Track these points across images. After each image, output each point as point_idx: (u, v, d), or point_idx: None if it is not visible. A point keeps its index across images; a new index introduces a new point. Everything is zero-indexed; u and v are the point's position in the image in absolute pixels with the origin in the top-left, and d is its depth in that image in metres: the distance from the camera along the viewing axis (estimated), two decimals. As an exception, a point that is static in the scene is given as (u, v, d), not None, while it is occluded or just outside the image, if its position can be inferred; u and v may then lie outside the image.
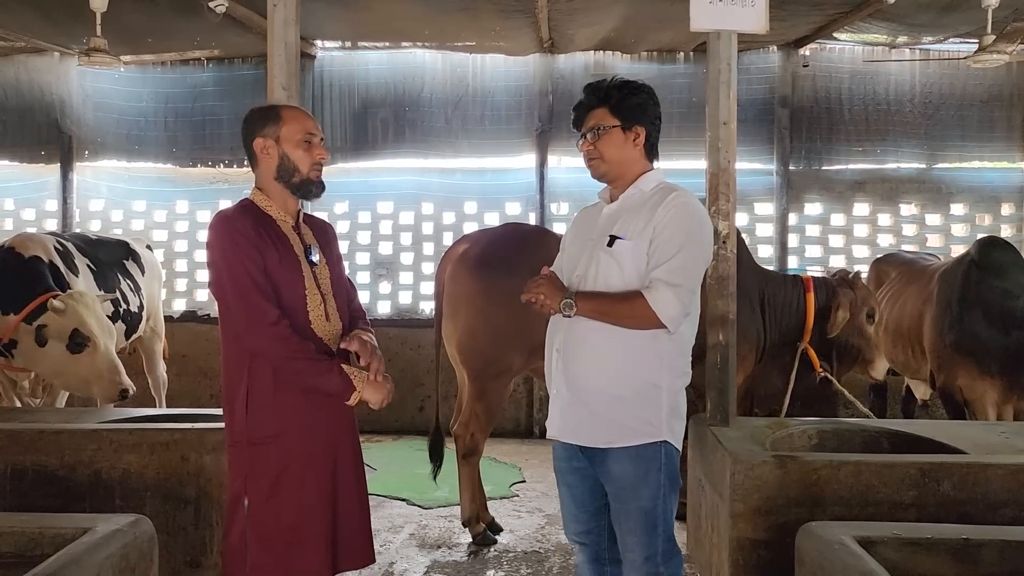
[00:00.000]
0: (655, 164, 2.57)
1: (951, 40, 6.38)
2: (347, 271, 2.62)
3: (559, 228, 6.87)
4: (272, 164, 2.38)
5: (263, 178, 2.41)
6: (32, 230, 6.87)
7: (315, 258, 2.41)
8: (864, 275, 5.42)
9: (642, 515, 2.38)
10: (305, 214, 2.52)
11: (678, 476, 2.46)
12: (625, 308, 2.34)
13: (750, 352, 4.52)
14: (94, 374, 4.32)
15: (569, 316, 2.37)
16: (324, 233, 2.54)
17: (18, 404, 4.88)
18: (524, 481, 5.34)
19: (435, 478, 4.47)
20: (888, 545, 2.16)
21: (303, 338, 2.30)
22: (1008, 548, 2.15)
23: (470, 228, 6.92)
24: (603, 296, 2.38)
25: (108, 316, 4.70)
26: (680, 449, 2.46)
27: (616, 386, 2.38)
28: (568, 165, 6.84)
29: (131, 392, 4.36)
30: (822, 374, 4.61)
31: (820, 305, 4.64)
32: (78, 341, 4.28)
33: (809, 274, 4.90)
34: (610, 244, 2.40)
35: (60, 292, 4.54)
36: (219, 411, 3.75)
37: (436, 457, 4.45)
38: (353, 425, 2.51)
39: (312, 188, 2.42)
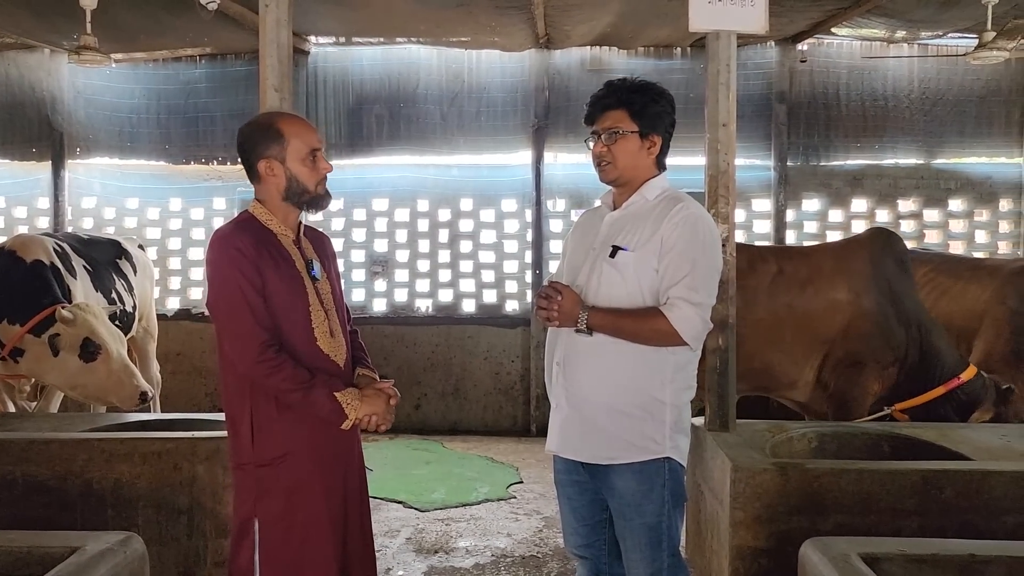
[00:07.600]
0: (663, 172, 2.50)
1: (950, 35, 6.34)
2: (342, 269, 2.56)
3: (555, 225, 6.84)
4: (280, 185, 2.30)
5: (267, 195, 2.33)
6: (24, 229, 6.83)
7: (317, 273, 2.34)
8: None
9: (646, 531, 2.34)
10: (305, 226, 2.45)
11: (683, 492, 2.41)
12: (644, 327, 2.27)
13: (892, 364, 4.35)
14: (111, 381, 4.26)
15: (587, 334, 2.29)
16: (323, 246, 2.48)
17: (11, 408, 4.83)
18: (521, 482, 5.30)
19: None
20: (893, 562, 2.13)
21: (307, 356, 2.24)
22: (1015, 565, 2.12)
23: (466, 225, 6.89)
24: (620, 314, 2.30)
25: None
26: (685, 465, 2.42)
27: (618, 400, 2.33)
28: (564, 161, 6.74)
29: (150, 395, 4.32)
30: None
31: (964, 399, 4.24)
32: (90, 350, 4.24)
33: (974, 367, 4.36)
34: (612, 255, 2.34)
35: (66, 303, 4.47)
36: (212, 416, 3.76)
37: None
38: (359, 442, 2.46)
39: (321, 202, 2.37)
